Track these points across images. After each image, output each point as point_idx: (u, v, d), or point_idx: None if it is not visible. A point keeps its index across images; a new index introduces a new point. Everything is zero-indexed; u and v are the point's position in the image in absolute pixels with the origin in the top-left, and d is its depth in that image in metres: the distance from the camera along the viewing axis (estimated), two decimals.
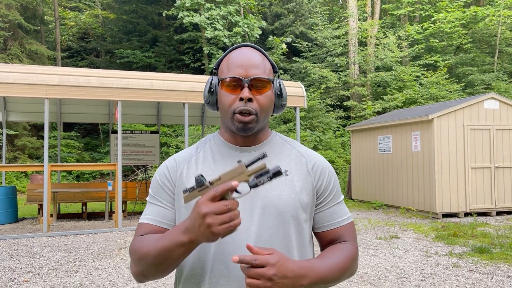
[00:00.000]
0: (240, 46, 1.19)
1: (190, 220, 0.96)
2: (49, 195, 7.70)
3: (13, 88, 7.47)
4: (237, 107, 1.11)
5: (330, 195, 1.23)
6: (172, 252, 1.00)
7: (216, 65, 1.21)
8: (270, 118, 19.67)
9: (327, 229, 1.22)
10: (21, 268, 5.49)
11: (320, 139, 17.70)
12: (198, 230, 0.93)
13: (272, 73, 1.19)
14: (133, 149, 11.35)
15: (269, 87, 1.15)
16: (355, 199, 12.82)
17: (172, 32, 23.44)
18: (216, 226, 0.91)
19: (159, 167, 1.23)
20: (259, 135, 1.21)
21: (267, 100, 1.14)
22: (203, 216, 0.91)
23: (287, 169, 1.18)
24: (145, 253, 1.05)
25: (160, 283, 4.78)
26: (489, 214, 9.72)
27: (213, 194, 0.92)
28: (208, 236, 0.92)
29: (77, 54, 24.67)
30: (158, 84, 8.40)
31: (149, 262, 1.05)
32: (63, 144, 18.32)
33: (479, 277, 5.01)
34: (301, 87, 9.47)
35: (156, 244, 1.03)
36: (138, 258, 1.08)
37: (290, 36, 21.88)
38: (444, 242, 6.88)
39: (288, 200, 1.13)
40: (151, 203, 1.20)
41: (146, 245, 1.06)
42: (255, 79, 1.11)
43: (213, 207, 0.91)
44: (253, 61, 1.13)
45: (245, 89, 1.10)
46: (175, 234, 0.99)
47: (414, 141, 10.08)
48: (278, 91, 1.20)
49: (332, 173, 1.25)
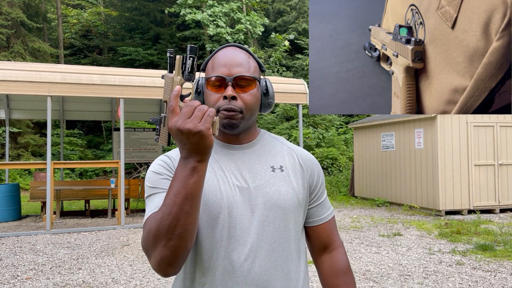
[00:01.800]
0: (226, 46, 1.20)
1: (180, 151, 0.95)
2: (52, 193, 7.72)
3: (16, 86, 7.48)
4: (221, 105, 1.12)
5: (319, 191, 1.27)
6: (186, 190, 0.93)
7: (203, 66, 1.23)
8: (272, 115, 19.70)
9: (316, 224, 1.27)
10: (24, 265, 5.51)
11: (323, 136, 17.67)
12: (190, 146, 0.91)
13: (258, 72, 1.20)
14: (135, 146, 11.36)
15: (253, 85, 1.16)
16: (358, 196, 12.80)
17: (175, 29, 23.42)
18: (196, 126, 0.89)
19: (151, 164, 1.18)
20: (249, 133, 1.23)
21: (252, 98, 1.15)
22: (179, 130, 0.90)
23: (281, 165, 1.21)
24: (159, 220, 0.94)
25: (162, 281, 4.78)
26: (493, 212, 9.68)
27: (171, 109, 0.93)
28: (200, 141, 0.90)
29: (80, 51, 24.70)
30: (161, 82, 8.39)
31: (166, 228, 0.94)
32: (66, 142, 18.37)
33: (483, 274, 4.99)
34: (303, 84, 9.45)
35: (165, 201, 0.95)
36: (154, 237, 0.96)
37: (293, 33, 21.83)
38: (447, 240, 6.86)
39: (287, 195, 1.16)
40: (153, 194, 1.11)
41: (155, 216, 0.98)
42: (238, 77, 1.13)
43: (180, 116, 0.91)
44: (237, 60, 1.15)
45: (229, 88, 1.11)
46: (178, 173, 0.94)
47: (417, 138, 10.04)
48: (265, 90, 1.21)
49: (320, 168, 1.31)
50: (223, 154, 1.19)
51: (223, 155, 1.19)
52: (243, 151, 1.21)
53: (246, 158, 1.19)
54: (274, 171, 1.18)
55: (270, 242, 1.12)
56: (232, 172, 1.16)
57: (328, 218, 1.29)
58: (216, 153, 1.20)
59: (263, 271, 1.10)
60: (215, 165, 1.17)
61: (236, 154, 1.19)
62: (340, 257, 1.29)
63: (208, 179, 1.14)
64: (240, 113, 1.12)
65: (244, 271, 1.08)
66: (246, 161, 1.18)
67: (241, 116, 1.13)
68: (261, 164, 1.19)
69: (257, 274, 1.09)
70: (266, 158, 1.21)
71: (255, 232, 1.11)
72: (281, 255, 1.13)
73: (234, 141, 1.21)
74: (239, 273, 1.08)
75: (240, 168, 1.17)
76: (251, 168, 1.17)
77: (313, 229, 1.28)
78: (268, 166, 1.19)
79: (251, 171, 1.17)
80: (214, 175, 1.15)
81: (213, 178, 1.14)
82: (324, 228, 1.28)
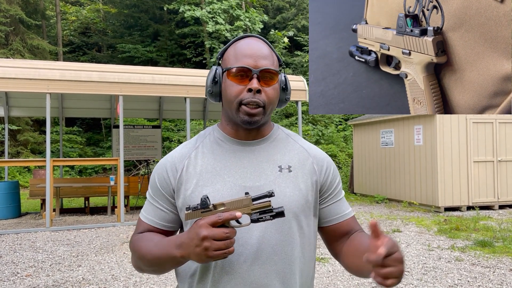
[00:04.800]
0: (247, 36, 1.15)
1: (186, 237, 0.98)
2: (51, 190, 7.72)
3: (15, 83, 7.47)
4: (245, 98, 1.07)
5: (335, 190, 1.22)
6: (164, 261, 1.05)
7: (220, 54, 1.17)
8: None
9: (335, 222, 1.21)
10: (24, 262, 5.52)
11: (322, 133, 17.67)
12: (193, 249, 0.95)
13: (277, 66, 1.17)
14: (135, 143, 11.35)
15: (276, 79, 1.12)
16: (357, 193, 12.81)
17: (174, 26, 23.37)
18: (211, 251, 0.93)
19: (158, 163, 1.20)
20: (262, 128, 1.18)
21: (275, 92, 1.12)
22: (202, 239, 0.93)
23: (290, 165, 1.16)
24: (143, 255, 1.11)
25: (162, 278, 4.79)
26: (492, 208, 9.70)
27: (216, 220, 0.94)
28: (201, 258, 0.95)
29: (79, 49, 24.64)
30: (160, 79, 8.38)
31: (146, 264, 1.11)
32: (66, 139, 18.35)
33: (482, 270, 5.01)
34: (303, 81, 9.44)
35: (152, 249, 1.08)
36: (138, 257, 1.14)
37: (292, 30, 21.79)
38: (447, 236, 6.87)
39: (292, 197, 1.12)
40: (150, 202, 1.19)
41: (145, 246, 1.10)
42: (264, 70, 1.09)
43: (213, 232, 0.93)
44: (263, 52, 1.11)
45: (254, 80, 1.07)
46: (170, 245, 1.03)
47: (417, 134, 10.05)
48: (284, 85, 1.17)
49: (335, 168, 1.24)
50: (231, 151, 1.16)
51: (230, 151, 1.16)
52: (252, 147, 1.16)
53: (254, 156, 1.15)
54: (281, 171, 1.14)
55: (272, 245, 1.09)
56: (236, 171, 1.12)
57: (348, 216, 1.22)
58: (222, 150, 1.16)
59: (263, 273, 1.07)
60: (217, 165, 1.14)
61: (244, 151, 1.16)
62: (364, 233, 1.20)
63: (208, 181, 1.12)
64: (262, 108, 1.09)
65: (243, 273, 1.06)
66: (253, 159, 1.15)
67: (262, 112, 1.09)
68: (268, 163, 1.15)
69: (256, 276, 1.07)
70: (275, 157, 1.16)
71: (256, 234, 1.08)
72: (283, 259, 1.09)
73: (246, 136, 1.17)
74: (237, 275, 1.06)
75: (245, 166, 1.13)
76: (257, 167, 1.13)
77: (331, 228, 1.22)
78: (275, 165, 1.15)
79: (257, 170, 1.13)
80: (214, 176, 1.12)
81: (212, 179, 1.12)
82: (344, 226, 1.22)
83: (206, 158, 1.15)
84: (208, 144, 1.19)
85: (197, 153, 1.17)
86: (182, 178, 1.14)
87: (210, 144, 1.19)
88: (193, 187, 1.11)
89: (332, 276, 4.80)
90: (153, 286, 4.53)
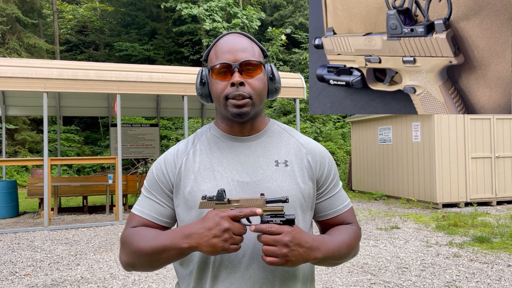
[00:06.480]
0: (227, 34, 1.17)
1: (201, 227, 0.98)
2: (49, 189, 7.70)
3: (11, 82, 7.44)
4: (229, 92, 1.09)
5: (331, 184, 1.22)
6: (165, 254, 1.03)
7: (205, 56, 1.19)
8: (269, 110, 19.66)
9: (330, 217, 1.23)
10: (22, 261, 5.51)
11: (320, 130, 17.69)
12: (209, 240, 0.96)
13: (262, 57, 1.17)
14: (133, 142, 11.34)
15: (260, 70, 1.12)
16: (356, 190, 12.83)
17: (171, 24, 23.32)
18: (228, 243, 0.96)
19: (157, 159, 1.21)
20: (256, 123, 1.19)
21: (260, 83, 1.12)
22: (224, 230, 0.95)
23: (286, 159, 1.16)
24: (140, 249, 1.06)
25: (161, 275, 4.79)
26: (490, 204, 9.73)
27: (237, 214, 0.97)
28: (215, 249, 0.96)
29: (76, 47, 24.56)
30: (157, 77, 8.36)
31: (142, 258, 1.07)
32: (63, 138, 18.32)
33: (480, 266, 5.02)
34: (300, 78, 9.43)
35: (153, 241, 1.04)
36: (131, 251, 1.09)
37: (290, 27, 21.76)
38: (445, 232, 6.89)
39: (289, 191, 1.12)
40: (146, 196, 1.19)
41: (142, 240, 1.07)
42: (244, 62, 1.10)
43: (235, 226, 0.96)
44: (241, 46, 1.12)
45: (236, 74, 1.08)
46: (175, 236, 1.01)
47: (415, 131, 10.06)
48: (271, 74, 1.17)
49: (331, 161, 1.24)
50: (227, 147, 1.17)
51: (227, 148, 1.17)
52: (248, 143, 1.17)
53: (250, 152, 1.16)
54: (278, 165, 1.15)
55: None
56: (233, 166, 1.13)
57: (345, 209, 1.24)
58: (219, 146, 1.17)
59: (262, 268, 1.08)
60: (214, 161, 1.15)
61: (240, 147, 1.17)
62: (351, 226, 1.22)
63: (206, 177, 1.12)
64: (249, 99, 1.09)
65: (242, 268, 1.07)
66: (249, 154, 1.15)
67: (251, 103, 1.10)
68: (265, 158, 1.15)
69: (255, 271, 1.08)
70: (270, 152, 1.17)
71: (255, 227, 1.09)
72: None
73: (240, 132, 1.17)
74: (237, 269, 1.07)
75: (242, 162, 1.14)
76: (253, 162, 1.14)
77: (326, 222, 1.24)
78: (272, 160, 1.15)
79: (253, 165, 1.14)
80: (212, 172, 1.13)
81: (210, 176, 1.12)
82: (338, 220, 1.23)
83: (204, 155, 1.17)
84: (205, 141, 1.20)
85: (195, 150, 1.19)
86: (180, 174, 1.15)
87: (207, 141, 1.20)
88: (192, 184, 1.12)
89: (331, 273, 4.81)
90: (151, 284, 4.53)
